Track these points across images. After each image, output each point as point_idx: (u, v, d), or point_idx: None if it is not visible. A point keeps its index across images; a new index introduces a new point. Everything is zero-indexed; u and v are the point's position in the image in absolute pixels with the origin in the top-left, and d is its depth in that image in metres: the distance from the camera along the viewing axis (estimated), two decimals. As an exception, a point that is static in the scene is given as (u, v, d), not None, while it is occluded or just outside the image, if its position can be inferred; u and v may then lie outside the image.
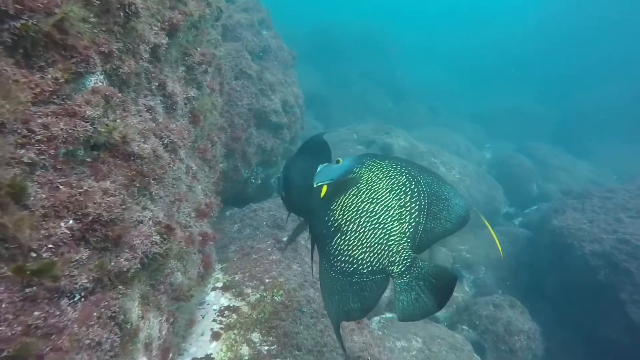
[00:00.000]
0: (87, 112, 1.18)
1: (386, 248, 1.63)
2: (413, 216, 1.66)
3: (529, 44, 23.14)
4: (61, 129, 1.11)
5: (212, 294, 3.08)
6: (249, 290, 3.13)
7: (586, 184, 9.66)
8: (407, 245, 1.62)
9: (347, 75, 14.18)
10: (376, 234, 1.65)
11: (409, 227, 1.64)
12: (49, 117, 1.10)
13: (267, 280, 3.24)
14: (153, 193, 1.55)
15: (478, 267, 7.10)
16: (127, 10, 1.36)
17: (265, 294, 3.11)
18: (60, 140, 1.11)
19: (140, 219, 1.42)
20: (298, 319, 2.95)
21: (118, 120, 1.39)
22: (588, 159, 12.03)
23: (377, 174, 1.76)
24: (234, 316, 2.88)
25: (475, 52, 23.23)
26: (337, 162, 1.92)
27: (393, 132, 8.73)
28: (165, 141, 1.73)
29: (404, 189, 1.71)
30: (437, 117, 13.50)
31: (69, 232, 1.11)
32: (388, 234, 1.64)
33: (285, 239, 4.13)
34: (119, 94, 1.41)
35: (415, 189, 1.70)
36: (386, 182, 1.73)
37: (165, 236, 1.47)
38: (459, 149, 10.69)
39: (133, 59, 1.44)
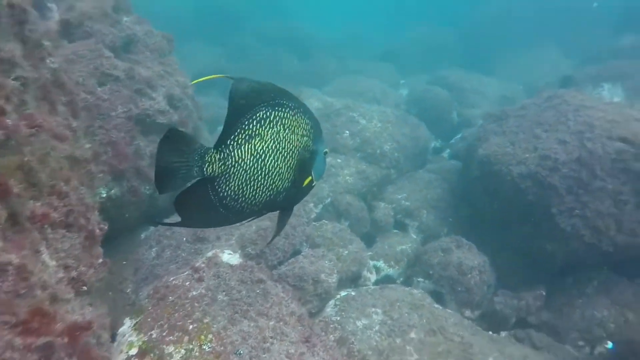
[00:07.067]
0: None
1: None
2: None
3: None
4: None
5: (127, 367, 2.51)
6: (170, 349, 2.59)
7: (499, 101, 9.96)
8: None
9: (247, 43, 13.20)
10: None
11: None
12: None
13: (190, 327, 2.72)
14: None
15: (419, 212, 7.03)
16: None
17: (191, 347, 2.59)
18: None
19: None
20: (236, 365, 2.50)
21: None
22: (495, 74, 12.42)
23: None
24: (157, 391, 2.36)
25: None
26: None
27: (303, 94, 8.17)
28: None
29: None
30: (347, 66, 13.07)
31: None
32: None
33: (209, 254, 3.58)
34: None
35: None
36: None
37: None
38: (375, 94, 10.43)
39: None
